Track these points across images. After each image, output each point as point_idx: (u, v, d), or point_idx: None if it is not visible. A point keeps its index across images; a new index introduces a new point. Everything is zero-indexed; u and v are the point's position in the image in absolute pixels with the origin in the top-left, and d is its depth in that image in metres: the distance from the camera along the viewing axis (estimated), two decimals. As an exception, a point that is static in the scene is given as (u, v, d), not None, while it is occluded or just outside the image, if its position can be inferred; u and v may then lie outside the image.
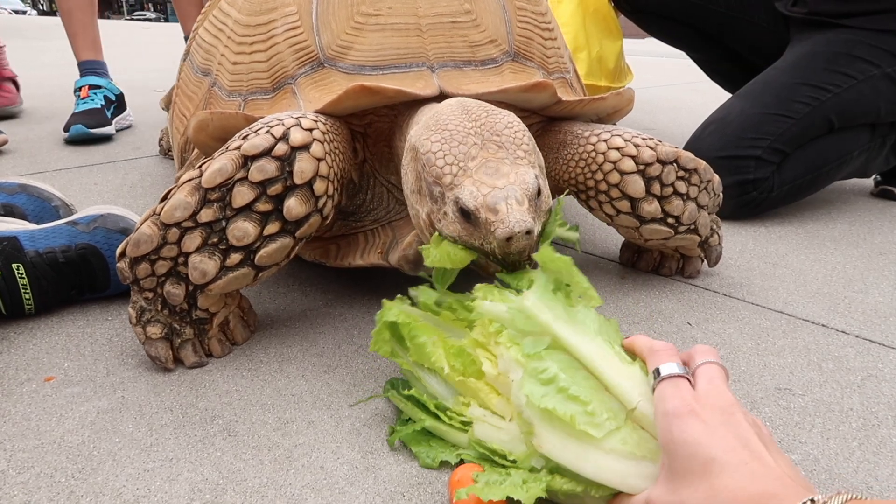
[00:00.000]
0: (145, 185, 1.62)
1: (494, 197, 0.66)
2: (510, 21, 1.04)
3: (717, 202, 1.06)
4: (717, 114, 1.56)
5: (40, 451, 0.68)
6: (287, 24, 0.97)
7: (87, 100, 1.96)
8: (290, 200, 0.78)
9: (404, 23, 0.95)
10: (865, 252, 1.34)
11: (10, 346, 0.88)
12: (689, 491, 0.48)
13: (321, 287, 1.08)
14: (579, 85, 1.20)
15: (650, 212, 0.98)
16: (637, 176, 0.96)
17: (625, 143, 0.96)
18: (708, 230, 1.05)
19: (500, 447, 0.62)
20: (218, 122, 0.91)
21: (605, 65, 2.25)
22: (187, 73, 1.18)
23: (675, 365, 0.54)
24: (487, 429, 0.63)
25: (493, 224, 0.65)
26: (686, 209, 0.99)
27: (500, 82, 0.96)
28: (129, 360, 0.85)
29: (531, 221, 0.65)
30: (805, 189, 1.55)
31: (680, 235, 1.01)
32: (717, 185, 1.04)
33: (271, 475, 0.66)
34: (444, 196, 0.71)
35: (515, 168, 0.69)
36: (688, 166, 0.98)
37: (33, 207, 1.06)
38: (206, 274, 0.78)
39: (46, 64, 3.78)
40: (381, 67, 0.94)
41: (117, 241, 0.95)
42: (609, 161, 0.96)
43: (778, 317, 1.04)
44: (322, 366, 0.85)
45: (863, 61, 1.50)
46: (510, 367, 0.60)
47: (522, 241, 0.65)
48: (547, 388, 0.55)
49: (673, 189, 0.98)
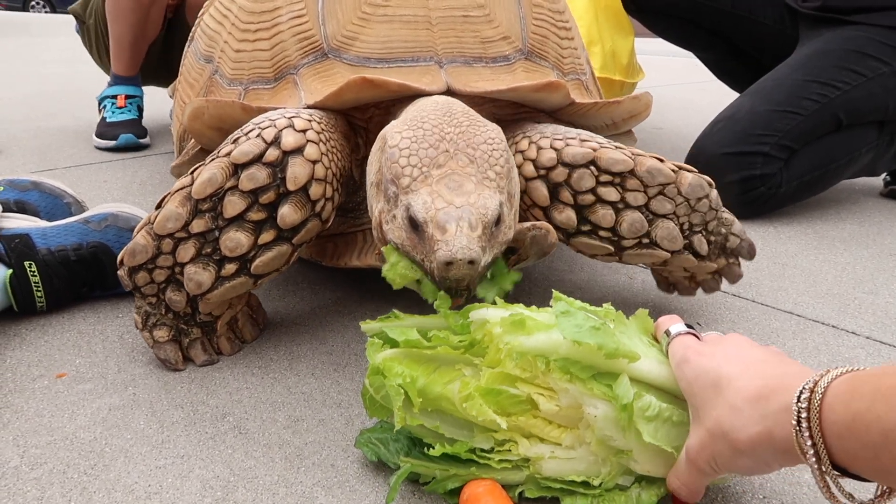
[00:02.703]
0: (154, 182, 1.63)
1: (446, 215, 0.62)
2: (525, 18, 1.01)
3: (698, 207, 0.86)
4: (726, 111, 1.56)
5: (53, 448, 0.68)
6: (292, 12, 0.95)
7: (124, 109, 1.98)
8: (284, 208, 0.76)
9: (413, 15, 0.93)
10: (875, 253, 1.34)
11: (22, 342, 0.88)
12: (711, 418, 0.52)
13: (330, 285, 1.08)
14: (595, 87, 1.16)
15: (563, 222, 0.84)
16: (538, 182, 0.84)
17: (528, 146, 0.86)
18: (682, 243, 0.86)
19: (576, 476, 0.61)
20: (214, 110, 0.88)
21: (618, 60, 2.24)
22: (190, 59, 1.16)
23: (681, 325, 0.62)
24: (556, 464, 0.62)
25: (437, 243, 0.61)
26: (623, 220, 0.83)
27: (510, 81, 0.93)
28: (139, 357, 0.85)
29: (477, 251, 0.61)
30: (813, 186, 1.54)
31: (631, 251, 0.86)
32: (689, 188, 0.84)
33: (282, 473, 0.66)
34: (397, 198, 0.67)
35: (480, 189, 0.64)
36: (613, 169, 0.82)
37: (45, 204, 1.07)
38: (201, 285, 0.77)
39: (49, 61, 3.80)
40: (388, 60, 0.91)
41: (128, 239, 0.94)
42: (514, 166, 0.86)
43: (788, 318, 1.03)
44: (332, 364, 0.86)
45: (873, 59, 1.50)
46: (585, 402, 0.59)
47: (463, 269, 0.61)
48: (655, 424, 0.58)
49: (595, 196, 0.83)
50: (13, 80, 3.15)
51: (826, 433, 0.45)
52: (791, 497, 0.65)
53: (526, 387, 0.62)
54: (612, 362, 0.59)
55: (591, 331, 0.59)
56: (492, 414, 0.60)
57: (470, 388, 0.61)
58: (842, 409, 0.44)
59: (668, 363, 0.60)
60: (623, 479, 0.61)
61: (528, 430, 0.62)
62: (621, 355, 0.58)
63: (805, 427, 0.45)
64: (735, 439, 0.50)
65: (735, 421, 0.50)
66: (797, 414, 0.46)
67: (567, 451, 0.62)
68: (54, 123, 2.24)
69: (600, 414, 0.58)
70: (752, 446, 0.49)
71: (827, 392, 0.45)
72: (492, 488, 0.61)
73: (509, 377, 0.62)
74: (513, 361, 0.61)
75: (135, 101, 1.99)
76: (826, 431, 0.45)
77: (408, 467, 0.63)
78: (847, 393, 0.44)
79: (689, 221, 0.86)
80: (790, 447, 0.47)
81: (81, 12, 2.07)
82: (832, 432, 0.45)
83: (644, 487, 0.60)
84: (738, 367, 0.53)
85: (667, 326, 0.62)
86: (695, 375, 0.55)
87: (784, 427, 0.47)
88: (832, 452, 0.45)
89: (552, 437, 0.62)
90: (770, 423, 0.48)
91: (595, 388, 0.59)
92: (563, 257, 1.24)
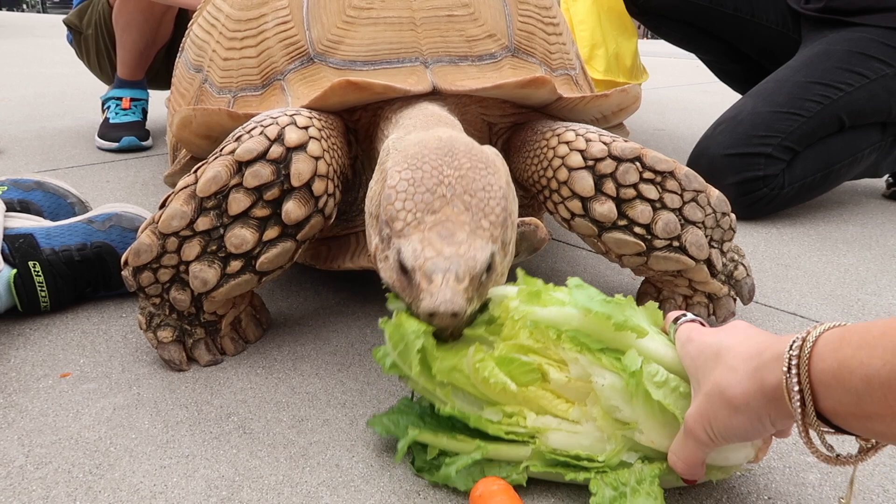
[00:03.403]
0: (157, 182, 1.63)
1: (434, 265, 0.62)
2: (511, 15, 1.00)
3: (721, 223, 0.89)
4: (729, 113, 1.56)
5: (58, 447, 0.68)
6: (277, 18, 0.95)
7: (128, 111, 1.97)
8: (288, 204, 0.76)
9: (398, 16, 0.93)
10: (878, 254, 1.34)
11: (26, 342, 0.88)
12: (710, 383, 0.54)
13: (334, 285, 1.08)
14: (586, 82, 1.16)
15: (603, 214, 0.86)
16: (585, 172, 0.86)
17: (575, 138, 0.89)
18: (709, 254, 0.88)
19: (582, 452, 0.62)
20: (201, 118, 0.89)
21: (622, 62, 2.24)
22: (181, 69, 1.16)
23: (689, 314, 0.64)
24: (564, 436, 0.63)
25: (422, 293, 0.61)
26: (659, 219, 0.85)
27: (496, 78, 0.93)
28: (143, 357, 0.85)
29: (461, 304, 0.61)
30: (816, 187, 1.54)
31: (660, 253, 0.87)
32: (718, 202, 0.88)
33: (287, 472, 0.66)
34: (390, 240, 0.66)
35: (472, 239, 0.64)
36: (657, 167, 0.86)
37: (49, 204, 1.07)
38: (206, 283, 0.77)
39: (52, 62, 3.81)
40: (373, 62, 0.92)
41: (132, 239, 0.95)
42: (558, 156, 0.89)
43: (791, 319, 1.03)
44: (336, 364, 0.86)
45: (876, 60, 1.50)
46: (594, 372, 0.61)
47: (446, 320, 0.61)
48: (663, 390, 0.60)
49: (636, 192, 0.86)
50: (16, 80, 3.15)
51: (814, 380, 0.46)
52: (796, 498, 0.65)
53: (537, 357, 0.64)
54: (621, 338, 0.62)
55: (602, 302, 0.62)
56: (503, 377, 0.62)
57: (483, 354, 0.64)
58: (830, 357, 0.46)
59: (675, 349, 0.62)
60: (627, 455, 0.62)
61: (536, 402, 0.64)
62: (630, 328, 0.61)
63: (794, 373, 0.47)
64: (731, 395, 0.52)
65: (731, 377, 0.52)
66: (787, 361, 0.48)
67: (573, 426, 0.64)
68: (57, 124, 2.25)
69: (608, 384, 0.61)
70: (745, 399, 0.51)
71: (818, 341, 0.47)
72: (505, 488, 0.61)
73: (522, 347, 0.64)
74: (526, 332, 0.64)
75: (140, 103, 1.99)
76: (814, 379, 0.46)
77: (415, 433, 0.66)
78: (836, 342, 0.46)
79: (712, 235, 0.89)
80: (780, 394, 0.48)
81: (78, 23, 2.02)
82: (819, 380, 0.46)
83: (646, 465, 0.61)
84: (739, 337, 0.55)
85: (672, 314, 0.65)
86: (698, 351, 0.57)
87: (775, 373, 0.49)
88: (818, 400, 0.46)
89: (560, 410, 0.64)
90: (763, 372, 0.50)
91: (604, 360, 0.61)
92: (565, 258, 1.24)
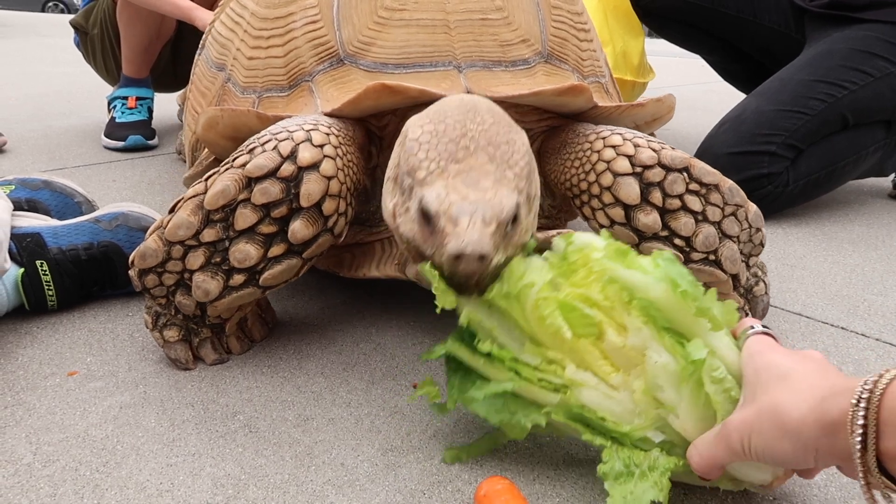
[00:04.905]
0: (163, 181, 1.64)
1: (460, 208, 0.60)
2: (544, 20, 0.98)
3: (754, 238, 0.88)
4: (733, 112, 1.56)
5: (65, 445, 0.69)
6: (306, 17, 0.93)
7: (134, 110, 1.98)
8: (296, 223, 0.75)
9: (431, 19, 0.91)
10: (884, 254, 1.33)
11: (33, 340, 0.89)
12: (767, 399, 0.53)
13: (339, 285, 1.09)
14: (615, 90, 1.13)
15: (647, 224, 0.83)
16: (632, 178, 0.83)
17: (623, 142, 0.85)
18: (739, 269, 0.87)
19: (609, 416, 0.61)
20: (229, 119, 0.87)
21: (629, 60, 2.24)
22: (202, 67, 1.14)
23: (761, 325, 0.61)
24: (596, 395, 0.61)
25: (447, 237, 0.60)
26: (700, 231, 0.83)
27: (531, 84, 0.90)
28: (149, 355, 0.86)
29: (488, 247, 0.59)
30: (821, 185, 1.54)
31: (694, 265, 0.85)
32: (755, 217, 0.87)
33: (292, 471, 0.66)
34: (412, 191, 0.65)
35: (498, 187, 0.63)
36: (704, 180, 0.83)
37: (56, 203, 1.07)
38: (208, 293, 0.77)
39: (58, 61, 3.82)
40: (405, 66, 0.89)
41: (139, 239, 0.95)
42: (603, 160, 0.85)
43: (797, 319, 1.03)
44: (341, 363, 0.86)
45: (880, 58, 1.50)
46: (651, 347, 0.60)
47: (472, 264, 0.59)
48: (717, 387, 0.58)
49: (681, 203, 0.83)
50: (22, 79, 3.16)
51: (881, 418, 0.44)
52: (801, 498, 0.65)
53: (600, 314, 0.62)
54: (692, 324, 0.59)
55: (692, 283, 0.60)
56: (560, 320, 0.61)
57: (548, 293, 0.62)
58: None
59: (738, 354, 0.60)
60: (652, 433, 0.60)
61: (581, 356, 0.62)
62: (709, 318, 0.59)
63: (863, 406, 0.45)
64: (787, 418, 0.50)
65: (792, 400, 0.50)
66: (858, 395, 0.46)
67: (610, 390, 0.62)
68: (63, 123, 2.26)
69: (661, 362, 0.59)
70: (799, 425, 0.49)
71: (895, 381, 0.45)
72: (509, 487, 0.61)
73: (588, 300, 0.62)
74: (599, 286, 0.62)
75: (146, 102, 2.00)
76: (882, 416, 0.44)
77: (454, 345, 0.66)
78: None
79: (742, 249, 0.87)
80: (838, 429, 0.46)
81: (84, 23, 2.02)
82: (887, 419, 0.44)
83: (663, 455, 0.60)
84: (811, 366, 0.53)
85: (745, 322, 0.63)
86: (765, 365, 0.55)
87: (840, 405, 0.47)
88: (881, 438, 0.45)
89: (602, 371, 0.62)
90: (828, 403, 0.48)
91: (666, 339, 0.59)
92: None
